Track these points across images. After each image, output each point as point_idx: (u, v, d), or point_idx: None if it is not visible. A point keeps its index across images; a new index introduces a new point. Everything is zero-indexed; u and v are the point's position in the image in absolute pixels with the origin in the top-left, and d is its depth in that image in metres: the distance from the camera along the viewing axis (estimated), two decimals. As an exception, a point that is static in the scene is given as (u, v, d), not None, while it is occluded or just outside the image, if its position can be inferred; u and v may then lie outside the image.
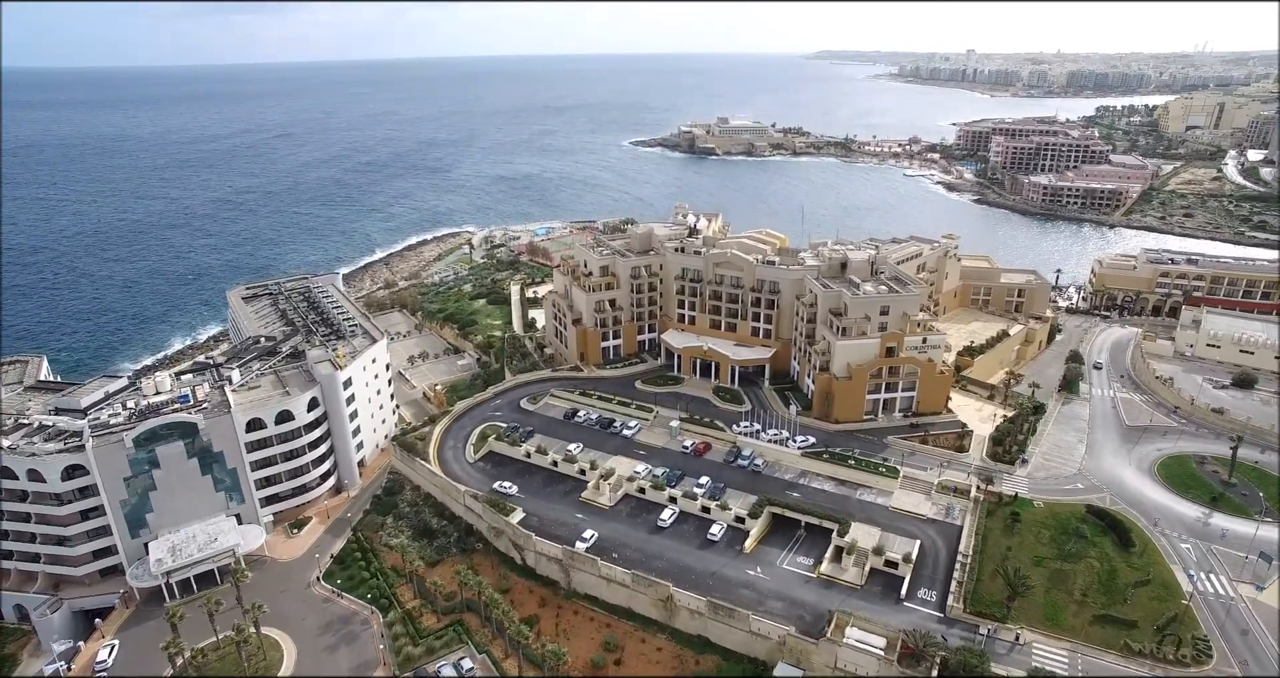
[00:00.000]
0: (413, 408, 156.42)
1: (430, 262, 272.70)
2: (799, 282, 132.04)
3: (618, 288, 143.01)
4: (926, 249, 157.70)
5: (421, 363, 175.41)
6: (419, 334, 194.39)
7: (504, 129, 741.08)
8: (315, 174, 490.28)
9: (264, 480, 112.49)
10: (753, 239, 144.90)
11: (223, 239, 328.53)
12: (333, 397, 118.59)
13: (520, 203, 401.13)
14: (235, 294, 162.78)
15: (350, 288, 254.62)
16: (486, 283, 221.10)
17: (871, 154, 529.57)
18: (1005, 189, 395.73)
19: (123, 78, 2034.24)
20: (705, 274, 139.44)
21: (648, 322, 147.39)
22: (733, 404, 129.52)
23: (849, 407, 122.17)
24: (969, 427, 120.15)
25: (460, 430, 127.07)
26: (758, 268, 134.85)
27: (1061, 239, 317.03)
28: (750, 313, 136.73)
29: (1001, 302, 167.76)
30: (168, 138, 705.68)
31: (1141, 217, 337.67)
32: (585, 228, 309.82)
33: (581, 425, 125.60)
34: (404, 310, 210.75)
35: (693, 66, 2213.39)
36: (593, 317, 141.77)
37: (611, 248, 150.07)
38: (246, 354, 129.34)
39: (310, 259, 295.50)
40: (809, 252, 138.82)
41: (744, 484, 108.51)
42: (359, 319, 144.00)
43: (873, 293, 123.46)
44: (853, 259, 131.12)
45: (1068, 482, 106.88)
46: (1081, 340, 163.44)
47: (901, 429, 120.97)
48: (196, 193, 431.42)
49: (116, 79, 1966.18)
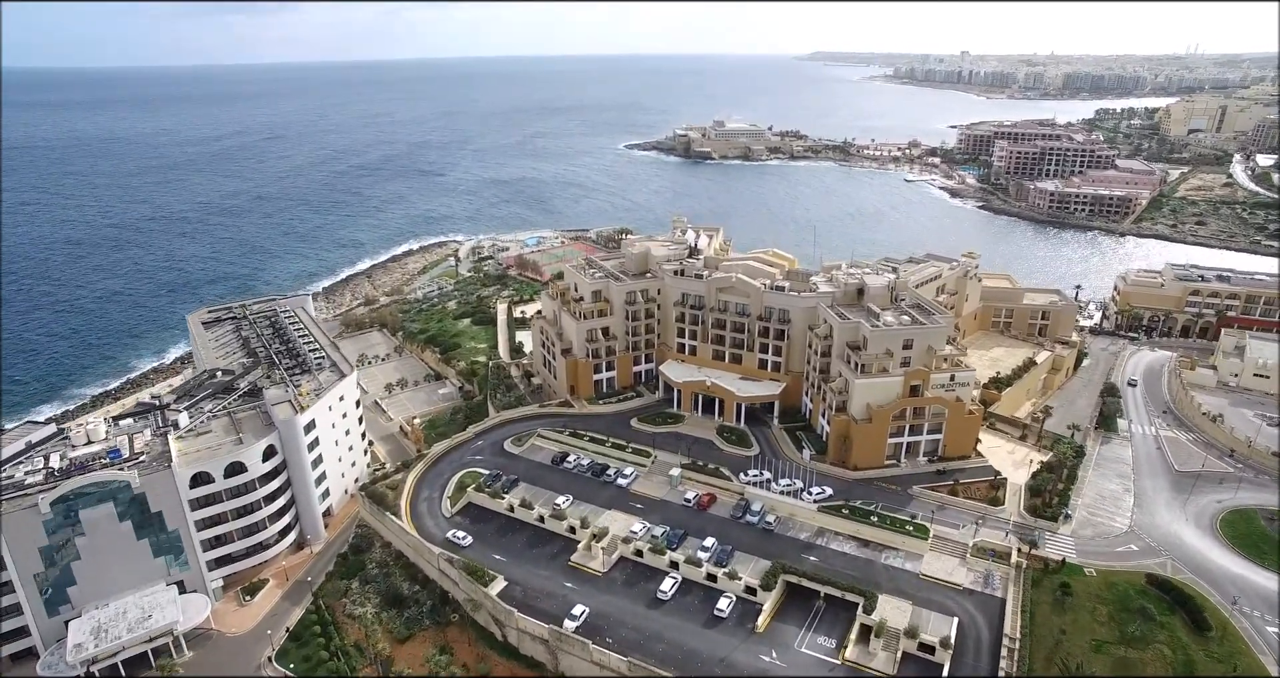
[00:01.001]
0: (388, 444, 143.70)
1: (414, 274, 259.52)
2: (811, 310, 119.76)
3: (611, 315, 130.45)
4: (945, 269, 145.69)
5: (400, 392, 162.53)
6: (399, 357, 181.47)
7: (497, 131, 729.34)
8: (305, 178, 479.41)
9: (212, 541, 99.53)
10: (759, 261, 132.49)
11: (206, 247, 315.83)
12: (293, 443, 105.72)
13: (512, 207, 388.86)
14: (195, 319, 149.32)
15: (329, 303, 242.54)
16: (472, 300, 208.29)
17: (871, 158, 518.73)
18: (1010, 195, 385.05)
19: (116, 78, 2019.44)
20: (708, 301, 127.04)
21: (644, 352, 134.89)
22: (739, 447, 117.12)
23: (869, 452, 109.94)
24: (1001, 474, 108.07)
25: (437, 477, 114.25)
26: (765, 294, 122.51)
27: (1072, 248, 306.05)
28: (757, 344, 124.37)
29: (1024, 324, 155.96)
30: (157, 140, 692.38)
31: (1152, 225, 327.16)
32: (578, 238, 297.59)
33: (571, 472, 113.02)
34: (384, 330, 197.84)
35: (686, 67, 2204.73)
36: (584, 347, 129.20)
37: (604, 269, 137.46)
38: (199, 392, 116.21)
39: (292, 269, 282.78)
40: (821, 275, 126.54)
41: (754, 546, 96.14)
42: (327, 349, 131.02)
43: (894, 324, 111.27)
44: (870, 285, 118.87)
45: (1119, 542, 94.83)
46: (1112, 368, 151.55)
47: (927, 477, 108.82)
48: (184, 196, 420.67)
49: (110, 79, 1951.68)
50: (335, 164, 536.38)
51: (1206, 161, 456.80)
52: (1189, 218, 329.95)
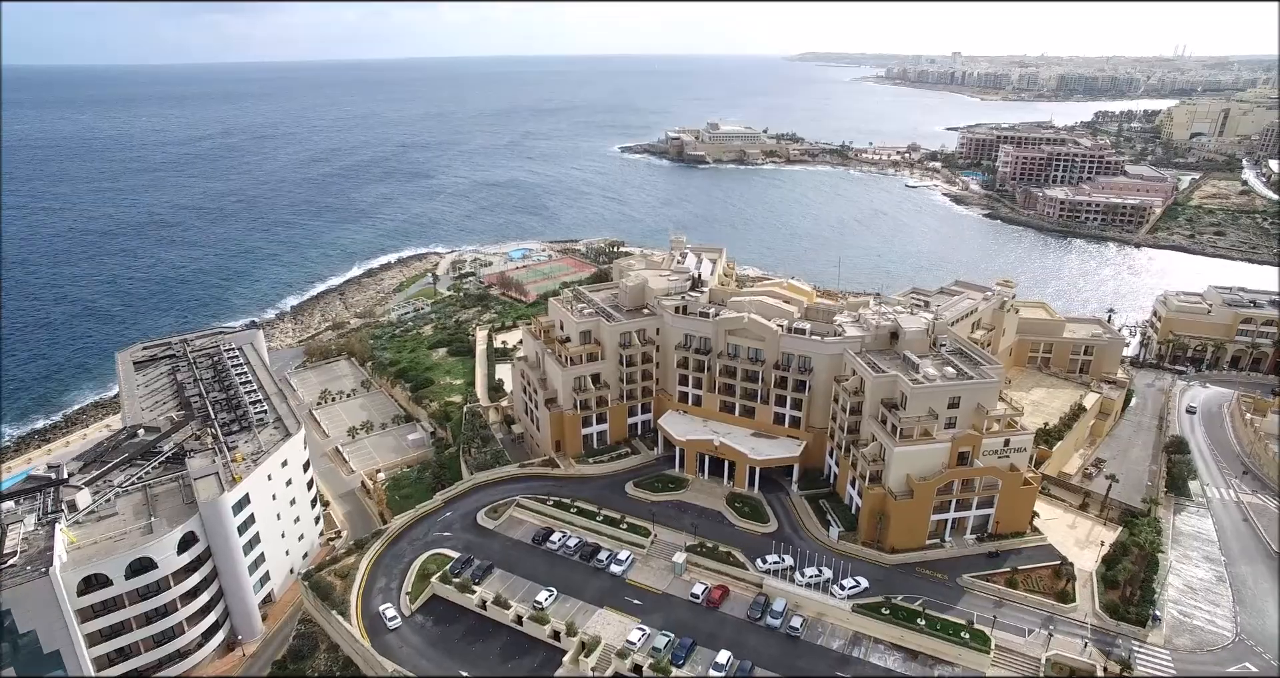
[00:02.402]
0: (347, 503, 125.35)
1: (389, 293, 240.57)
2: (837, 358, 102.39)
3: (603, 360, 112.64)
4: (979, 300, 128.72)
5: (364, 436, 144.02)
6: (366, 393, 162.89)
7: (486, 132, 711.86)
8: (289, 180, 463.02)
9: (113, 656, 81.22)
10: (773, 295, 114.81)
11: (180, 255, 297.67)
12: (219, 527, 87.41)
13: (499, 213, 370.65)
14: (126, 358, 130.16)
15: (297, 325, 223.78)
16: (449, 325, 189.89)
17: (870, 162, 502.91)
18: (1017, 203, 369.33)
19: (100, 77, 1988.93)
20: (715, 344, 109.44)
21: (641, 400, 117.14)
22: (753, 522, 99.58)
23: (908, 531, 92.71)
24: (1066, 558, 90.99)
25: (396, 561, 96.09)
26: (783, 338, 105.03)
27: (1087, 260, 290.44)
28: (773, 396, 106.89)
29: (1065, 360, 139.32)
30: (138, 140, 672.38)
31: (1169, 235, 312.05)
32: (566, 251, 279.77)
33: (556, 555, 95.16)
34: (352, 359, 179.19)
35: (677, 68, 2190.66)
36: (571, 398, 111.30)
37: (595, 304, 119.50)
38: (112, 457, 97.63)
39: (264, 283, 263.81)
40: (847, 314, 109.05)
41: (778, 659, 78.75)
42: (274, 400, 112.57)
43: (937, 378, 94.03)
44: (905, 328, 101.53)
45: (1229, 657, 77.94)
46: (1165, 410, 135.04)
47: (978, 561, 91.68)
48: (163, 199, 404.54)
49: (94, 78, 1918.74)
50: (322, 166, 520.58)
51: (1216, 167, 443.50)
52: (1207, 228, 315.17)
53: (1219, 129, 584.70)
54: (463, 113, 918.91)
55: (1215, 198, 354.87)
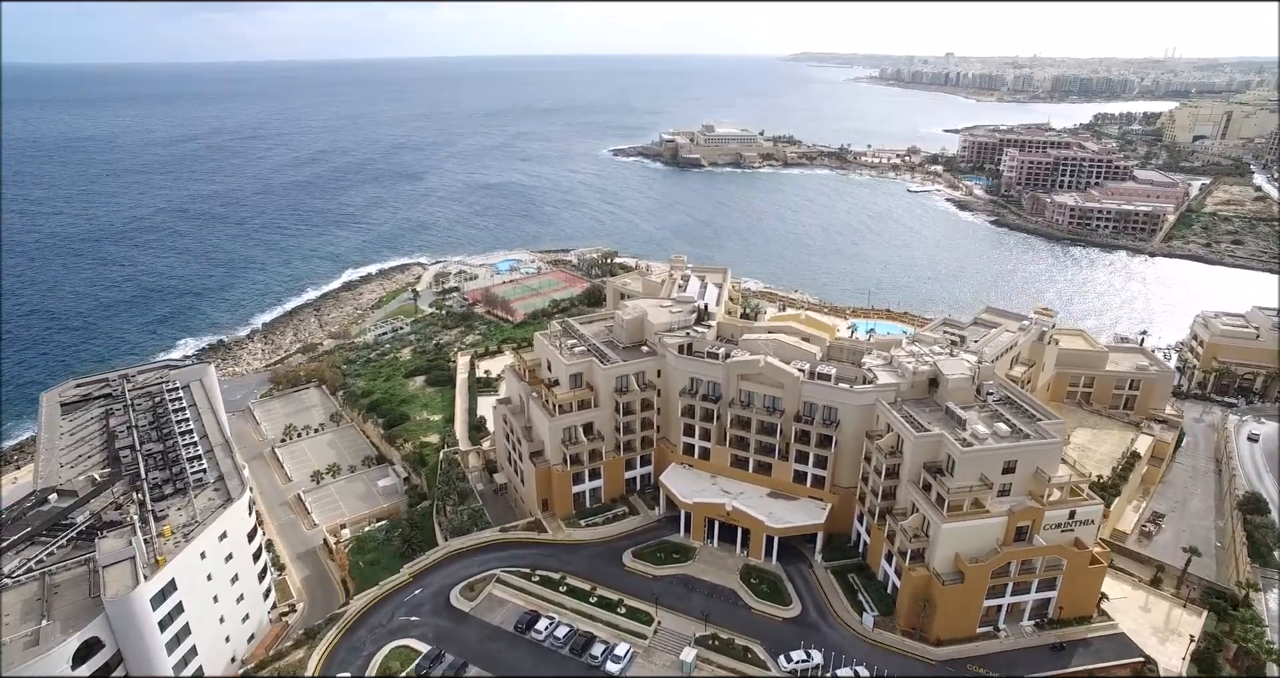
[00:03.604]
0: (306, 565, 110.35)
1: (368, 310, 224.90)
2: (868, 409, 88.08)
3: (596, 407, 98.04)
4: (1017, 332, 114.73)
5: (330, 481, 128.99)
6: (335, 428, 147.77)
7: (479, 134, 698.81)
8: (279, 181, 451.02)
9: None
10: (790, 332, 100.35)
11: (161, 262, 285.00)
12: (131, 629, 72.44)
13: (488, 218, 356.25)
14: (52, 399, 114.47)
15: (267, 345, 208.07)
16: (428, 350, 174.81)
17: (869, 166, 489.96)
18: (1024, 209, 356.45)
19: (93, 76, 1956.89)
20: (726, 390, 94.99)
21: (639, 452, 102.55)
22: (772, 603, 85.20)
23: (958, 619, 78.58)
24: (1142, 649, 77.08)
25: (354, 654, 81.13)
26: (805, 385, 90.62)
27: (1101, 271, 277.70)
28: (794, 452, 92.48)
29: (1107, 395, 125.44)
30: (129, 140, 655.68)
31: (1184, 243, 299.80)
32: (557, 262, 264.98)
33: (543, 647, 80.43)
34: (323, 387, 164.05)
35: (671, 68, 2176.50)
36: (559, 451, 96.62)
37: (586, 340, 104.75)
38: (11, 532, 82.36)
39: (240, 293, 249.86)
40: (876, 356, 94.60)
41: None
42: (218, 454, 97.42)
43: (988, 437, 79.85)
44: (947, 375, 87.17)
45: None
46: (1221, 451, 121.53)
47: (1040, 656, 77.64)
48: (149, 200, 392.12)
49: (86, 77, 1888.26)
50: (313, 166, 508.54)
51: (1224, 172, 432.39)
52: (1223, 236, 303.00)
53: (1222, 132, 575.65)
54: (456, 113, 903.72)
55: (1229, 204, 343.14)
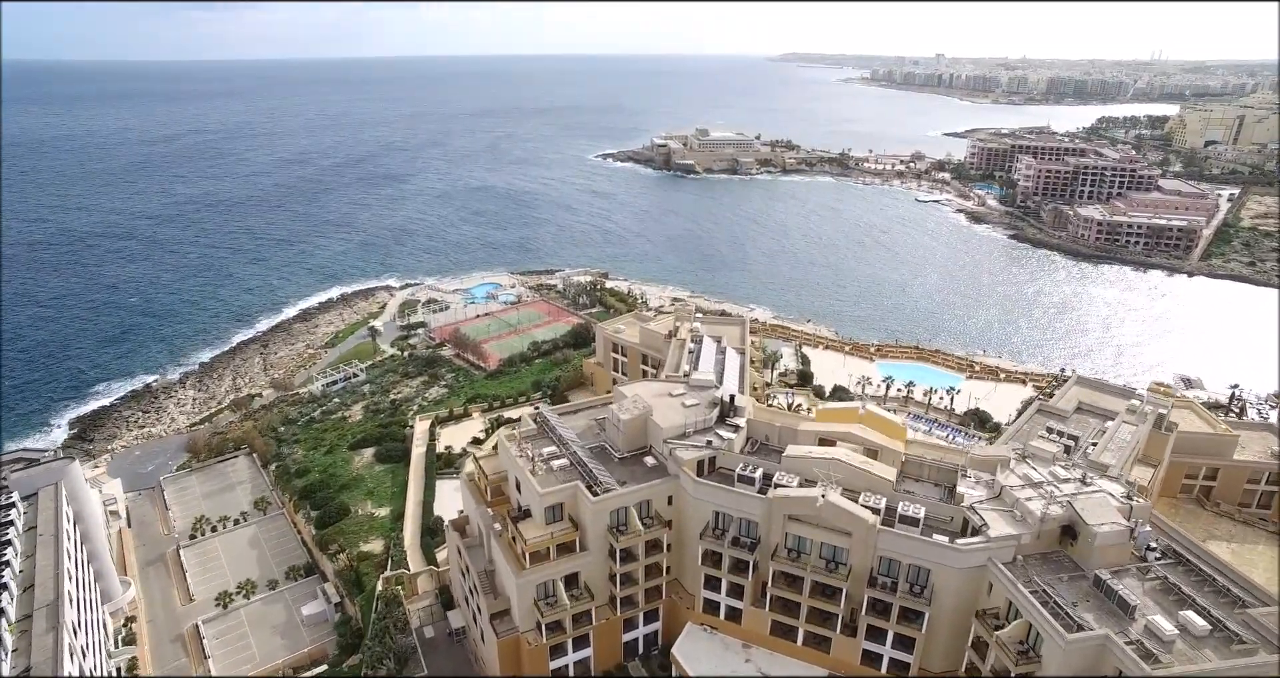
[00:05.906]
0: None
1: (320, 348, 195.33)
2: (977, 573, 60.49)
3: (582, 551, 69.96)
4: (1131, 418, 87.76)
5: (242, 605, 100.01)
6: (261, 517, 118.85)
7: (464, 136, 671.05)
8: (255, 185, 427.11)
9: None
10: (852, 440, 72.52)
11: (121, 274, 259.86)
12: None
13: (468, 233, 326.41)
14: None
15: (200, 392, 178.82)
16: (383, 409, 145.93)
17: (872, 173, 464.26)
18: (1045, 222, 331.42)
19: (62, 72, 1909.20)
20: (766, 533, 67.21)
21: (642, 607, 74.51)
22: None
23: None
24: None
25: None
26: (879, 532, 62.98)
27: (1136, 295, 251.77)
28: (864, 623, 64.86)
29: (1236, 491, 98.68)
30: (106, 139, 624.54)
31: (1224, 262, 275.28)
32: (540, 287, 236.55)
33: None
34: (253, 457, 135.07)
35: (660, 68, 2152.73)
36: (532, 615, 68.49)
37: (567, 447, 76.42)
38: None
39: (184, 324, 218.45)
40: (974, 482, 67.19)
41: None
42: (41, 618, 68.56)
43: (1174, 639, 52.50)
44: (1091, 526, 59.54)
45: None
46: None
47: None
48: (124, 204, 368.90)
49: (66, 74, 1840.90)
50: (295, 169, 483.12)
51: (1247, 180, 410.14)
52: (1268, 254, 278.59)
53: (1234, 137, 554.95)
54: (440, 114, 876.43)
55: (1268, 217, 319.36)
